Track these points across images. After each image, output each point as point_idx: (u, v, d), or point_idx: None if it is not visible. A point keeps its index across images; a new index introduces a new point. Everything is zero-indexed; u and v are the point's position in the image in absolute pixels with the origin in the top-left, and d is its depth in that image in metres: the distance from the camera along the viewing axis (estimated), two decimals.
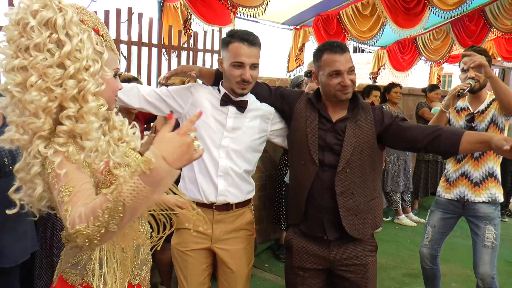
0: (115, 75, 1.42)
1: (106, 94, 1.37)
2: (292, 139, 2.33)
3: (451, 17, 7.10)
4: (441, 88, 6.85)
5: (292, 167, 2.40)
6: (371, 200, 2.27)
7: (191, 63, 4.63)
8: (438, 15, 6.40)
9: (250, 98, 2.30)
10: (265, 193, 4.73)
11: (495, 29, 7.62)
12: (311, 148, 2.22)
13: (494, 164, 3.00)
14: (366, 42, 6.93)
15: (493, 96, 2.95)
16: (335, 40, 2.31)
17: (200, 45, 4.74)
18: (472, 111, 3.05)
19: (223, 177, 2.24)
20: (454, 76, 20.75)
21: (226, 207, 2.28)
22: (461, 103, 3.14)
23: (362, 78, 10.90)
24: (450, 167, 3.16)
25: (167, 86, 3.16)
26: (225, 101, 2.25)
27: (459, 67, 3.08)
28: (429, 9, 6.25)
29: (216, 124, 2.25)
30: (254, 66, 2.18)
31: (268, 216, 4.78)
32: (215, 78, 2.34)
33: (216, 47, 4.79)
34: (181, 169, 2.14)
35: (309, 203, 2.25)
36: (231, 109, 2.25)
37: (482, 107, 3.02)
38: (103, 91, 1.34)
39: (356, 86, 5.16)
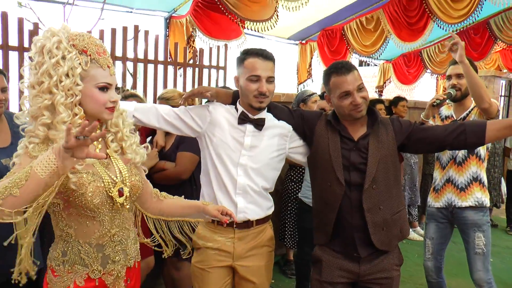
0: (104, 88, 1.61)
1: (90, 106, 1.61)
2: (315, 160, 2.33)
3: (456, 30, 7.13)
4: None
5: (316, 188, 2.38)
6: (397, 213, 2.28)
7: (196, 80, 4.67)
8: (443, 28, 6.42)
9: (267, 116, 2.32)
10: None
11: (500, 41, 7.63)
12: (336, 169, 2.22)
13: (478, 168, 3.02)
14: (370, 56, 6.96)
15: None
16: (341, 61, 2.33)
17: (205, 61, 4.79)
18: (455, 118, 3.09)
19: (242, 195, 2.25)
20: None
21: (247, 224, 2.29)
22: (446, 111, 3.20)
23: (368, 92, 10.94)
24: (437, 176, 3.19)
25: (167, 100, 3.20)
26: (243, 119, 2.26)
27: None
28: (433, 22, 6.27)
29: (234, 142, 2.26)
30: (270, 79, 2.20)
31: (274, 232, 4.75)
32: (232, 99, 2.36)
33: (222, 63, 4.83)
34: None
35: (339, 223, 2.25)
36: (249, 127, 2.26)
37: (464, 114, 3.06)
38: (87, 103, 1.59)
39: None
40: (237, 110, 2.29)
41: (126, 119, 1.80)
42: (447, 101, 3.09)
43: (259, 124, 2.26)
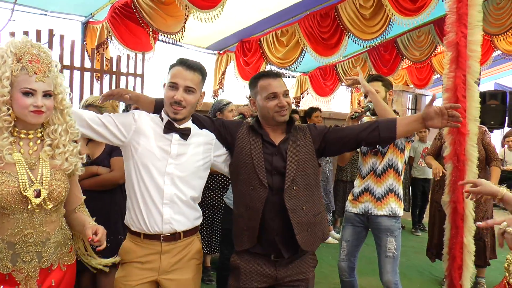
0: (28, 94, 1.77)
1: (16, 108, 1.78)
2: (237, 166, 2.37)
3: (369, 46, 7.57)
4: None
5: (238, 194, 2.40)
6: (319, 213, 2.38)
7: (113, 87, 4.60)
8: (358, 44, 6.79)
9: (192, 126, 2.31)
10: None
11: (406, 59, 8.18)
12: (259, 172, 2.28)
13: (394, 181, 3.24)
14: (286, 68, 7.19)
15: None
16: (269, 70, 2.45)
17: (123, 69, 4.73)
18: None
19: (169, 205, 2.19)
20: None
21: (174, 237, 2.22)
22: None
23: None
24: (357, 183, 3.39)
25: (100, 108, 3.11)
26: (169, 128, 2.23)
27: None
28: (348, 37, 6.62)
29: (160, 151, 2.21)
30: (189, 89, 2.18)
31: None
32: (155, 107, 2.35)
33: (139, 71, 4.80)
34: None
35: (261, 227, 2.29)
36: (175, 136, 2.23)
37: None
38: (14, 105, 1.77)
39: None
40: (162, 119, 2.26)
41: (71, 129, 1.94)
42: (368, 114, 3.27)
43: (184, 134, 2.24)
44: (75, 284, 3.34)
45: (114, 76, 4.55)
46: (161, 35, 5.10)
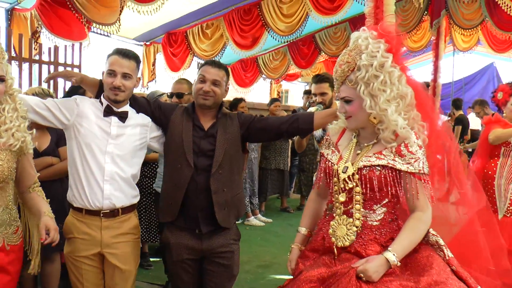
0: None
1: None
2: (169, 145, 2.61)
3: (287, 41, 7.97)
4: (281, 103, 7.66)
5: (168, 170, 2.65)
6: (236, 195, 2.67)
7: (44, 76, 4.55)
8: (276, 39, 7.16)
9: (130, 110, 2.55)
10: None
11: (323, 53, 8.71)
12: (187, 152, 2.52)
13: None
14: (210, 60, 7.35)
15: None
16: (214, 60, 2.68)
17: (50, 58, 4.68)
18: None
19: (109, 181, 2.43)
20: (291, 92, 22.49)
21: (113, 213, 2.46)
22: None
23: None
24: None
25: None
26: (108, 112, 2.47)
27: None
28: (268, 32, 6.97)
29: (101, 132, 2.45)
30: (126, 75, 2.43)
31: None
32: (98, 89, 2.55)
33: (76, 62, 4.77)
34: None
35: (185, 202, 2.54)
36: (114, 119, 2.48)
37: None
38: None
39: None
40: (101, 103, 2.50)
41: (20, 106, 2.07)
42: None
43: (122, 117, 2.50)
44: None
45: (52, 66, 4.51)
46: (94, 25, 5.08)
